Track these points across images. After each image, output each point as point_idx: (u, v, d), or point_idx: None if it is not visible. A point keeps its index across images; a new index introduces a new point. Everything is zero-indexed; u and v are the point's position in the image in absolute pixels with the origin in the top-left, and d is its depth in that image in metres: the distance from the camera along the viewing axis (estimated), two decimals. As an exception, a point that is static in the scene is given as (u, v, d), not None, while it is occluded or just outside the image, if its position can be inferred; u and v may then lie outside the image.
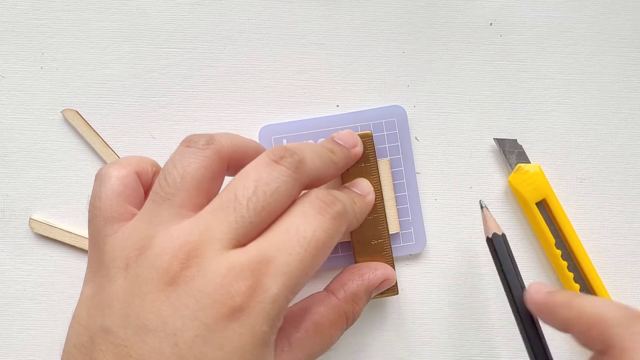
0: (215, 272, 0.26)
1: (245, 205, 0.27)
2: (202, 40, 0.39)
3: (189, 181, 0.28)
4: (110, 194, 0.29)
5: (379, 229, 0.36)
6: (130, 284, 0.26)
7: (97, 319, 0.27)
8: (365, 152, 0.35)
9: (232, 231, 0.27)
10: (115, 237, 0.28)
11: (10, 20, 0.39)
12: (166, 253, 0.26)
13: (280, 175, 0.28)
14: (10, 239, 0.38)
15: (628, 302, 0.38)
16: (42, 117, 0.39)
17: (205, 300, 0.25)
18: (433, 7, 0.39)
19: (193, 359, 0.25)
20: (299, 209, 0.28)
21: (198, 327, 0.25)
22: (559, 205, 0.38)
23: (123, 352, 0.25)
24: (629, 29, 0.39)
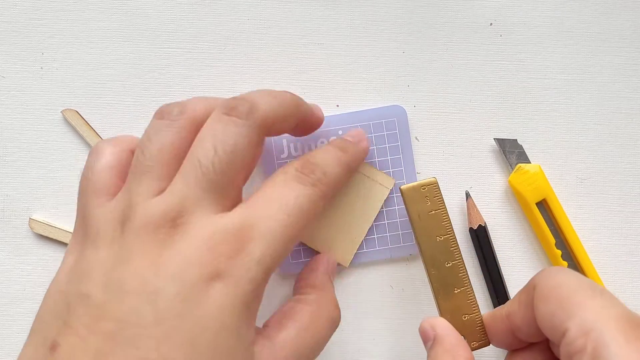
0: (200, 235, 0.26)
1: (211, 167, 0.27)
2: (202, 40, 0.39)
3: (165, 154, 0.28)
4: (103, 167, 0.30)
5: (459, 277, 0.34)
6: (115, 253, 0.27)
7: (76, 286, 0.27)
8: (434, 198, 0.35)
9: (208, 195, 0.27)
10: (102, 210, 0.28)
11: (10, 20, 0.39)
12: (150, 222, 0.27)
13: (235, 127, 0.28)
14: (10, 239, 0.38)
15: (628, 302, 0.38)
16: (42, 117, 0.39)
17: (188, 261, 0.26)
18: (433, 7, 0.39)
19: (171, 317, 0.25)
20: (280, 178, 0.29)
21: (180, 285, 0.25)
22: (559, 205, 0.38)
23: (99, 314, 0.25)
24: (629, 29, 0.39)
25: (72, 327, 0.25)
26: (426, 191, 0.35)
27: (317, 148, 0.35)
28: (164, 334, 0.25)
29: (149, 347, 0.25)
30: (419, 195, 0.35)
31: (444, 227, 0.34)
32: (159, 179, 0.28)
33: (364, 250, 0.37)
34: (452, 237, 0.34)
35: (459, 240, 0.38)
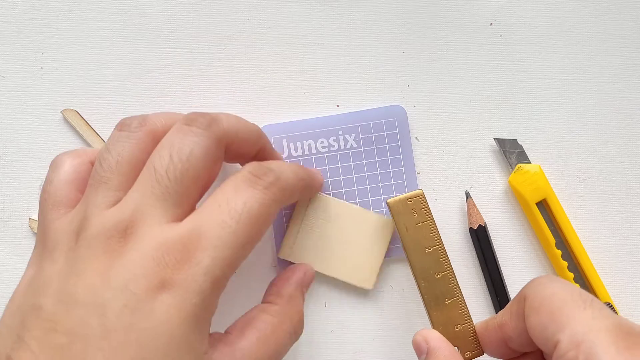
0: (148, 245, 0.26)
1: (166, 175, 0.27)
2: (202, 40, 0.39)
3: (123, 165, 0.29)
4: (61, 180, 0.30)
5: (450, 287, 0.35)
6: (69, 265, 0.27)
7: (31, 299, 0.27)
8: (420, 210, 0.35)
9: (161, 204, 0.27)
10: (59, 222, 0.29)
11: (10, 20, 0.39)
12: (102, 233, 0.27)
13: (193, 136, 0.28)
14: (10, 239, 0.38)
15: (628, 302, 0.38)
16: (42, 117, 0.39)
17: (136, 271, 0.26)
18: (433, 7, 0.39)
19: (119, 329, 0.25)
20: (230, 183, 0.28)
21: (127, 297, 0.25)
22: (559, 205, 0.38)
23: (50, 327, 0.25)
24: (629, 29, 0.39)
25: (24, 341, 0.25)
26: (413, 203, 0.35)
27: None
28: (111, 348, 0.25)
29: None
30: (406, 208, 0.35)
31: (432, 238, 0.35)
32: (116, 190, 0.28)
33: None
34: (441, 248, 0.35)
35: (459, 241, 0.38)
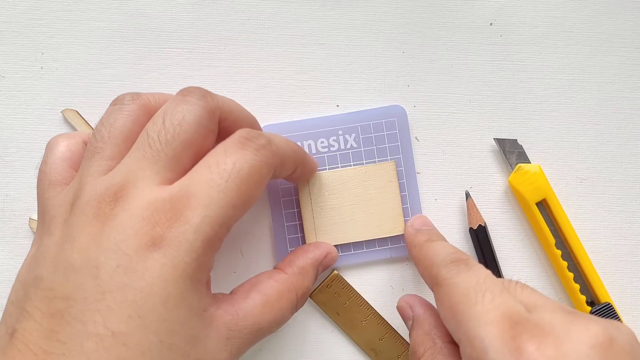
0: (138, 206, 0.26)
1: (157, 139, 0.28)
2: (202, 40, 0.39)
3: (115, 135, 0.29)
4: (57, 159, 0.31)
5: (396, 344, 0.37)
6: (64, 234, 0.27)
7: (32, 272, 0.27)
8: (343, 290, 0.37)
9: (152, 166, 0.27)
10: (57, 198, 0.29)
11: (10, 20, 0.39)
12: (93, 198, 0.27)
13: (186, 104, 0.29)
14: (10, 239, 0.38)
15: (628, 302, 0.38)
16: (42, 117, 0.39)
17: (127, 231, 0.26)
18: (433, 7, 0.39)
19: (114, 289, 0.25)
20: (221, 147, 0.28)
21: (119, 257, 0.26)
22: (559, 205, 0.38)
23: (50, 295, 0.26)
24: (629, 29, 0.39)
25: (27, 312, 0.26)
26: (332, 288, 0.37)
27: None
28: (108, 308, 0.25)
29: (95, 322, 0.25)
30: (328, 295, 0.37)
31: (363, 311, 0.37)
32: (108, 159, 0.29)
33: (364, 250, 0.37)
34: (375, 315, 0.37)
35: (459, 241, 0.38)
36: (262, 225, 0.38)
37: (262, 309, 0.30)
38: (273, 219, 0.37)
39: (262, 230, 0.38)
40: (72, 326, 0.25)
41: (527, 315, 0.26)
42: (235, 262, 0.38)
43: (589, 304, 0.37)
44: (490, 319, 0.26)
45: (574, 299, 0.37)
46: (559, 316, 0.26)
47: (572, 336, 0.25)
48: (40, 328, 0.25)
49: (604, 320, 0.26)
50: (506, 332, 0.25)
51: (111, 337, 0.25)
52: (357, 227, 0.37)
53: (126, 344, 0.25)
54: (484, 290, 0.27)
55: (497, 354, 0.25)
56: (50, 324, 0.25)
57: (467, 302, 0.27)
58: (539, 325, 0.25)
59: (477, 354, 0.25)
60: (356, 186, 0.37)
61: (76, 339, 0.25)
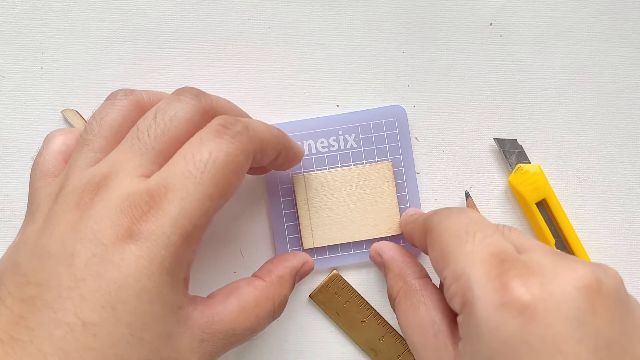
0: (117, 196, 0.26)
1: (146, 132, 0.28)
2: (202, 40, 0.39)
3: (105, 128, 0.29)
4: (51, 151, 0.31)
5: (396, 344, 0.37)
6: (45, 221, 0.27)
7: (11, 258, 0.27)
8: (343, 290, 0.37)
9: (137, 159, 0.28)
10: (45, 189, 0.30)
11: (10, 20, 0.39)
12: (77, 188, 0.27)
13: (179, 102, 0.29)
14: (10, 239, 0.38)
15: (628, 302, 0.38)
16: (42, 117, 0.39)
17: (104, 221, 0.26)
18: (433, 7, 0.39)
19: (88, 278, 0.25)
20: (197, 137, 0.28)
21: (95, 246, 0.25)
22: (559, 205, 0.38)
23: (23, 280, 0.26)
24: (629, 29, 0.39)
25: (0, 298, 0.26)
26: (332, 288, 0.37)
27: None
28: (81, 297, 0.25)
29: (66, 310, 0.25)
30: (328, 295, 0.37)
31: (362, 310, 0.37)
32: (96, 151, 0.29)
33: (364, 250, 0.37)
34: (375, 315, 0.37)
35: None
36: (262, 225, 0.38)
37: (239, 315, 0.30)
38: (273, 219, 0.37)
39: (262, 230, 0.38)
40: (42, 313, 0.25)
41: (516, 255, 0.26)
42: (235, 262, 0.38)
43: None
44: (478, 258, 0.26)
45: (574, 299, 0.37)
46: (548, 257, 0.26)
47: (560, 277, 0.25)
48: (10, 314, 0.25)
49: (592, 263, 0.26)
50: (493, 269, 0.25)
51: (81, 326, 0.25)
52: (354, 227, 0.37)
53: (96, 334, 0.25)
54: (475, 231, 0.27)
55: (482, 290, 0.25)
56: (20, 310, 0.25)
57: (457, 241, 0.27)
58: (527, 264, 0.25)
59: (462, 291, 0.26)
60: (353, 186, 0.37)
61: (45, 326, 0.24)
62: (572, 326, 0.24)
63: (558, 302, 0.24)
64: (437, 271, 0.29)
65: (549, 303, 0.24)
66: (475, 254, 0.26)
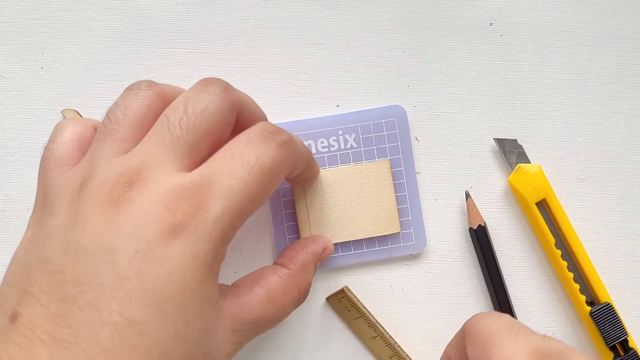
0: (157, 191, 0.26)
1: (178, 125, 0.27)
2: (202, 40, 0.39)
3: (130, 117, 0.28)
4: (65, 140, 0.30)
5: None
6: (72, 215, 0.26)
7: (35, 253, 0.26)
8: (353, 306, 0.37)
9: (170, 152, 0.27)
10: (62, 178, 0.28)
11: (10, 20, 0.39)
12: (107, 181, 0.26)
13: (208, 94, 0.28)
14: (10, 239, 0.38)
15: (628, 302, 0.38)
16: (42, 117, 0.39)
17: (146, 216, 0.25)
18: (433, 7, 0.39)
19: (131, 275, 0.24)
20: (243, 138, 0.28)
21: (138, 242, 0.25)
22: (559, 205, 0.38)
23: (59, 278, 0.25)
24: (629, 29, 0.39)
25: (33, 295, 0.25)
26: (343, 302, 0.37)
27: None
28: (125, 295, 0.24)
29: (111, 309, 0.24)
30: (341, 305, 0.37)
31: (371, 329, 0.37)
32: (122, 141, 0.28)
33: (364, 250, 0.37)
34: (382, 336, 0.37)
35: (459, 241, 0.38)
36: (262, 225, 0.38)
37: (267, 304, 0.30)
38: (273, 219, 0.37)
39: (262, 230, 0.38)
40: (85, 313, 0.24)
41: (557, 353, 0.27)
42: (235, 262, 0.38)
43: (589, 304, 0.37)
44: (522, 352, 0.26)
45: (573, 299, 0.37)
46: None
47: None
48: (47, 313, 0.24)
49: None
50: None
51: (127, 325, 0.24)
52: (353, 226, 0.37)
53: (142, 333, 0.24)
54: (517, 329, 0.28)
55: None
56: (59, 309, 0.24)
57: (500, 337, 0.27)
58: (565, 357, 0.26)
59: None
60: (351, 185, 0.37)
61: (90, 327, 0.24)
62: None
63: None
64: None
65: None
66: (518, 347, 0.27)
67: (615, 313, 0.36)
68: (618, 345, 0.37)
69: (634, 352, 0.36)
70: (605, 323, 0.36)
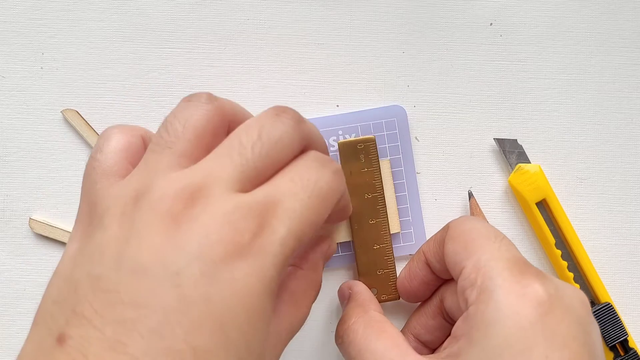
0: (222, 209, 0.24)
1: (250, 149, 0.26)
2: (202, 40, 0.39)
3: (190, 131, 0.27)
4: (114, 149, 0.28)
5: (381, 234, 0.36)
6: (127, 229, 0.24)
7: (84, 269, 0.24)
8: (369, 156, 0.36)
9: (237, 174, 0.26)
10: (112, 189, 0.26)
11: (10, 20, 0.39)
12: (167, 195, 0.24)
13: (283, 125, 0.27)
14: (10, 239, 0.38)
15: (628, 302, 0.38)
16: (42, 117, 0.39)
17: (211, 236, 0.24)
18: (433, 7, 0.39)
19: (199, 301, 0.23)
20: (302, 162, 0.28)
21: (204, 264, 0.23)
22: (559, 205, 0.38)
23: (114, 299, 0.23)
24: (629, 29, 0.39)
25: (84, 316, 0.23)
26: (362, 148, 0.36)
27: None
28: (191, 321, 0.23)
29: (176, 337, 0.22)
30: (354, 152, 0.36)
31: (374, 185, 0.36)
32: (181, 155, 0.26)
33: (364, 250, 0.37)
34: (381, 196, 0.36)
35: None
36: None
37: (292, 308, 0.30)
38: (273, 219, 0.37)
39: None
40: (146, 340, 0.22)
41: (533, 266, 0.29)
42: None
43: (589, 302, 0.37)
44: (503, 256, 0.29)
45: (574, 299, 0.37)
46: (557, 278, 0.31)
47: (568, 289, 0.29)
48: (102, 337, 0.22)
49: None
50: (515, 267, 0.28)
51: (192, 353, 0.23)
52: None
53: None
54: (501, 238, 0.30)
55: (505, 281, 0.28)
56: (116, 334, 0.22)
57: (485, 239, 0.30)
58: (543, 274, 0.29)
59: (482, 280, 0.28)
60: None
61: (151, 354, 0.22)
62: (579, 329, 0.27)
63: (568, 305, 0.28)
64: (452, 263, 0.31)
65: (562, 304, 0.27)
66: (501, 252, 0.29)
67: (615, 313, 0.36)
68: (618, 345, 0.37)
69: (634, 352, 0.36)
70: (605, 323, 0.36)
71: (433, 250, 0.33)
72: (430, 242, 0.34)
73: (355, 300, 0.34)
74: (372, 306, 0.33)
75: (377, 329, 0.31)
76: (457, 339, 0.28)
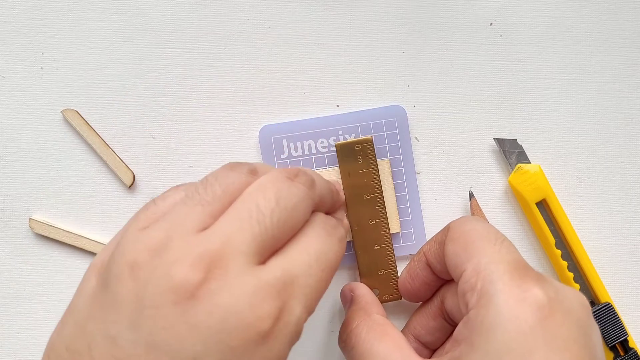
0: (242, 290, 0.24)
1: (270, 217, 0.26)
2: (202, 40, 0.39)
3: (227, 197, 0.27)
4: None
5: (381, 234, 0.36)
6: (141, 290, 0.24)
7: (100, 323, 0.24)
8: (366, 157, 0.36)
9: (255, 244, 0.25)
10: (137, 232, 0.26)
11: (10, 20, 0.39)
12: (183, 261, 0.24)
13: (298, 191, 0.28)
14: (10, 239, 0.38)
15: (628, 302, 0.38)
16: (42, 117, 0.39)
17: (231, 320, 0.24)
18: (433, 7, 0.39)
19: None
20: (312, 231, 0.28)
21: (223, 351, 0.23)
22: (559, 205, 0.38)
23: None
24: (629, 29, 0.39)
25: None
26: (360, 149, 0.36)
27: None
28: None
29: None
30: (352, 153, 0.36)
31: (372, 186, 0.36)
32: (210, 216, 0.26)
33: (364, 250, 0.37)
34: (380, 196, 0.36)
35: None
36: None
37: None
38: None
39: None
40: None
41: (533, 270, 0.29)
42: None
43: (589, 304, 0.37)
44: (503, 259, 0.29)
45: (574, 299, 0.37)
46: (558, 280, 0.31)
47: (568, 292, 0.28)
48: None
49: None
50: (516, 271, 0.28)
51: None
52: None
53: None
54: (502, 239, 0.30)
55: (505, 285, 0.27)
56: None
57: (485, 241, 0.30)
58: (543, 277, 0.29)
59: (482, 283, 0.28)
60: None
61: None
62: (579, 332, 0.27)
63: (569, 309, 0.28)
64: (453, 265, 0.30)
65: (562, 307, 0.27)
66: (501, 255, 0.29)
67: (615, 313, 0.36)
68: (618, 345, 0.37)
69: (634, 352, 0.36)
70: (605, 323, 0.36)
71: (434, 251, 0.33)
72: (431, 242, 0.34)
73: (357, 303, 0.34)
74: (374, 309, 0.33)
75: (379, 332, 0.31)
76: (459, 344, 0.28)
